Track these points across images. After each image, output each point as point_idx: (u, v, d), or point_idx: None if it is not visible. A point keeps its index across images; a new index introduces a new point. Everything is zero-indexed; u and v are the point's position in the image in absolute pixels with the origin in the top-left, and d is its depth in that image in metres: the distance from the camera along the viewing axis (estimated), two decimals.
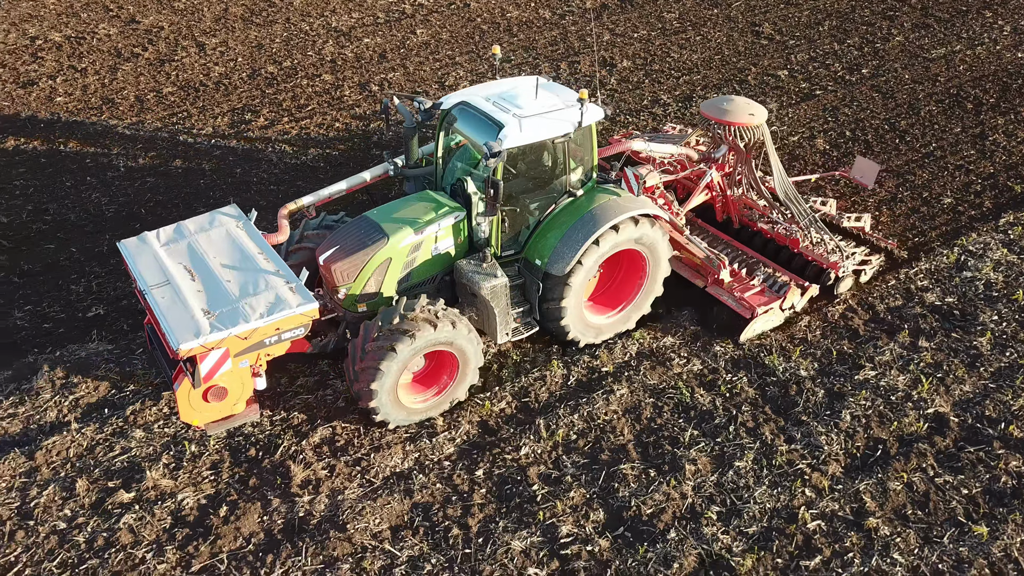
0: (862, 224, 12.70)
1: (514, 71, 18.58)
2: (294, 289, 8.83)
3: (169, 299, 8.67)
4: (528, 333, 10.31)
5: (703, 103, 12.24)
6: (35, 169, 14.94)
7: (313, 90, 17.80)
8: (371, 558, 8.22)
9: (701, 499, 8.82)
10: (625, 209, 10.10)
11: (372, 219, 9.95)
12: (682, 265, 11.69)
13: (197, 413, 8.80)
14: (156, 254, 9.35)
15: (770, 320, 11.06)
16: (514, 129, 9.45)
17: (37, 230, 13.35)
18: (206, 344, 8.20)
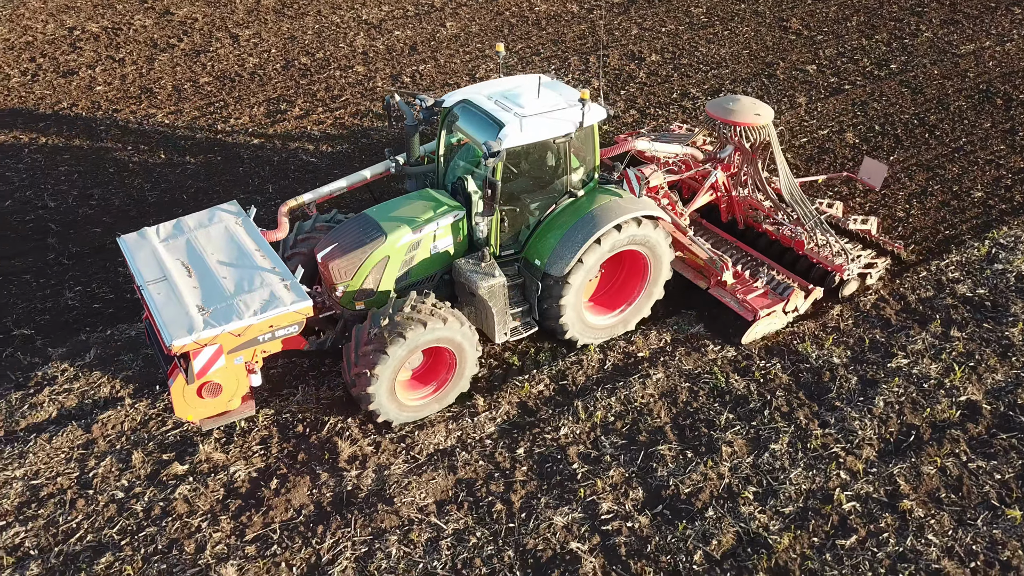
0: (868, 227, 12.53)
1: (543, 64, 18.79)
2: (289, 286, 8.81)
3: (165, 295, 8.68)
4: (527, 333, 10.29)
5: (709, 103, 12.18)
6: (79, 156, 15.32)
7: (346, 81, 18.09)
8: (418, 530, 8.49)
9: (738, 480, 9.03)
10: (626, 210, 10.00)
11: (371, 217, 9.91)
12: (685, 266, 11.58)
13: (192, 409, 8.81)
14: (155, 250, 9.37)
15: (772, 323, 10.92)
16: (514, 128, 9.39)
17: (84, 214, 13.71)
18: (199, 340, 8.21)
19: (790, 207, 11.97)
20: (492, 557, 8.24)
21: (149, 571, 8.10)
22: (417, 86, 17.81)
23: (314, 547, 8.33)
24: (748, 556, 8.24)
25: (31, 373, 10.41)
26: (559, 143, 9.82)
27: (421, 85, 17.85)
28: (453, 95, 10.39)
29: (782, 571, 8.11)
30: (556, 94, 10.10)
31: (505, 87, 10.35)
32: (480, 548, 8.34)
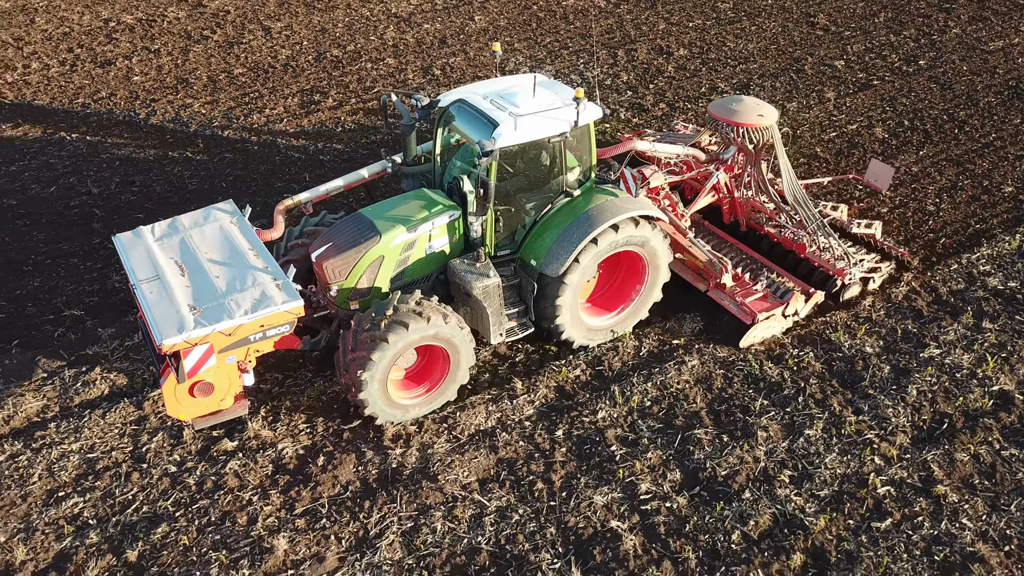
0: (872, 231, 12.30)
1: (571, 57, 18.97)
2: (280, 286, 8.78)
3: (157, 294, 8.68)
4: (523, 334, 10.24)
5: (712, 103, 12.05)
6: (119, 144, 15.65)
7: (378, 73, 18.34)
8: (462, 507, 8.73)
9: (773, 463, 9.21)
10: (623, 210, 9.91)
11: (366, 216, 9.85)
12: (684, 268, 11.47)
13: (184, 408, 8.81)
14: (149, 248, 9.37)
15: (772, 327, 10.82)
16: (508, 128, 9.32)
17: (126, 200, 14.04)
18: (190, 340, 8.21)
19: (792, 209, 11.83)
20: (535, 534, 8.47)
21: (204, 541, 8.39)
22: (448, 78, 18.05)
23: (362, 521, 8.59)
24: (785, 537, 8.43)
25: (83, 352, 10.74)
26: (554, 142, 9.75)
27: (452, 77, 18.08)
28: (449, 94, 10.35)
29: (819, 552, 8.30)
30: (552, 93, 10.01)
31: (501, 86, 10.26)
32: (523, 525, 8.57)
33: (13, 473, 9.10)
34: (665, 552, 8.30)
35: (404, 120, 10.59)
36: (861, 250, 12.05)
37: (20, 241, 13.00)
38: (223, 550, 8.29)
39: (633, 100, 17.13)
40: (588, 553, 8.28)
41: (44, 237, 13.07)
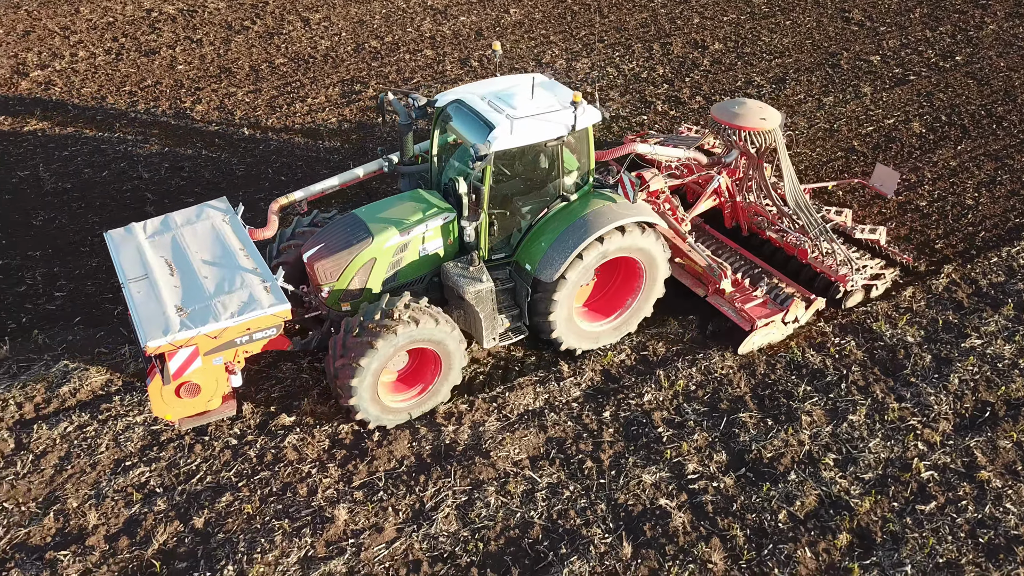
0: (877, 236, 12.20)
1: (607, 51, 19.15)
2: (268, 289, 8.72)
3: (144, 294, 8.65)
4: (517, 338, 10.10)
5: (714, 106, 11.97)
6: (167, 130, 16.03)
7: (416, 64, 18.61)
8: (514, 483, 9.00)
9: (818, 447, 9.40)
10: (619, 216, 9.78)
11: (359, 217, 9.77)
12: (684, 273, 11.38)
13: (170, 408, 8.81)
14: (140, 246, 9.33)
15: (771, 334, 10.70)
16: (504, 131, 9.19)
17: (176, 185, 14.41)
18: (174, 342, 8.20)
19: (794, 214, 11.71)
20: (585, 510, 8.73)
21: (267, 510, 8.71)
22: (485, 70, 18.28)
23: (417, 494, 8.88)
24: (830, 517, 8.63)
25: None
26: (551, 146, 9.61)
27: (488, 69, 18.31)
28: (447, 94, 10.22)
29: (864, 532, 8.49)
30: (550, 95, 9.83)
31: (500, 87, 10.11)
32: (573, 501, 8.82)
33: (82, 443, 9.46)
34: (713, 529, 8.52)
35: (401, 119, 10.51)
36: (865, 255, 11.96)
37: (77, 223, 13.40)
38: (285, 519, 8.61)
39: (669, 93, 17.29)
40: (638, 529, 8.52)
41: (99, 219, 13.46)
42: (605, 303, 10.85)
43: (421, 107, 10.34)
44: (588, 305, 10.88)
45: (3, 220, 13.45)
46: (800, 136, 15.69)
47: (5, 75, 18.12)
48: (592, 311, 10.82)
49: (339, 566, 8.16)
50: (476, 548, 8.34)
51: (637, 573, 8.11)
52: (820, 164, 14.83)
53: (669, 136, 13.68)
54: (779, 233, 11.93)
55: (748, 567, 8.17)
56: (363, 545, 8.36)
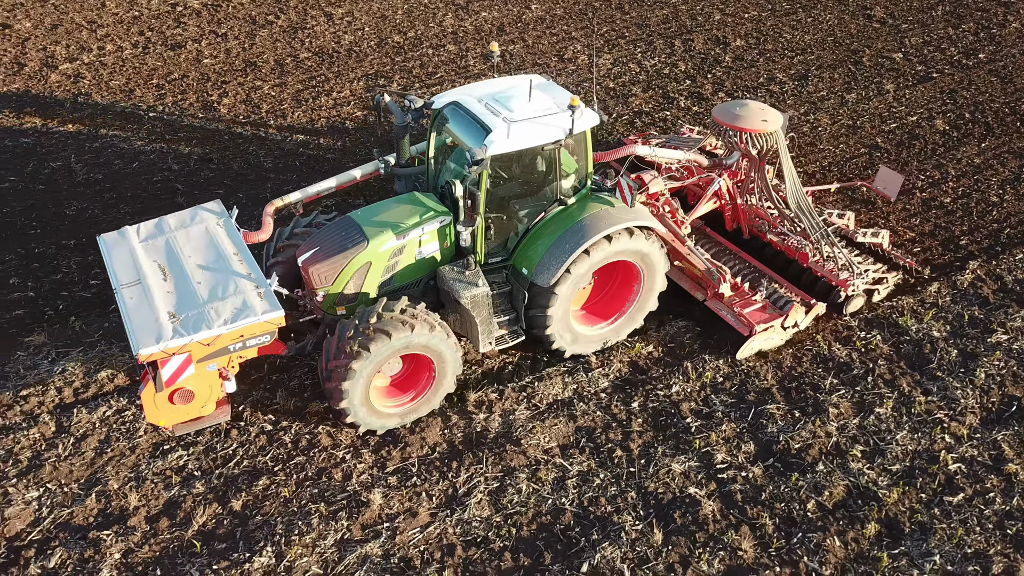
0: (880, 240, 12.05)
1: (628, 47, 19.23)
2: (262, 295, 8.62)
3: (136, 300, 8.56)
4: (514, 342, 10.04)
5: (715, 107, 11.90)
6: (195, 122, 16.23)
7: (439, 59, 18.75)
8: (545, 470, 9.13)
9: (845, 438, 9.49)
10: (617, 220, 9.69)
11: (354, 221, 9.72)
12: (683, 276, 11.26)
13: (163, 415, 8.77)
14: (133, 250, 9.25)
15: (770, 339, 10.56)
16: (500, 135, 9.11)
17: (205, 177, 14.61)
18: (167, 350, 8.12)
19: (796, 217, 11.58)
20: (616, 497, 8.86)
21: (303, 494, 8.88)
22: (508, 65, 18.40)
23: (450, 480, 9.03)
24: (859, 507, 8.73)
25: None
26: (548, 149, 9.53)
27: (512, 64, 18.43)
28: (443, 96, 10.16)
29: (892, 523, 8.58)
30: (548, 97, 9.76)
31: (497, 89, 10.06)
32: (604, 488, 8.96)
33: (120, 427, 9.66)
34: (743, 518, 8.64)
35: (397, 121, 10.44)
36: (868, 259, 11.85)
37: (109, 213, 13.61)
38: (322, 503, 8.78)
39: (692, 89, 17.36)
40: (669, 516, 8.65)
41: (131, 209, 13.67)
42: (603, 306, 10.78)
43: (417, 109, 10.28)
44: (586, 308, 10.81)
45: (38, 210, 13.68)
46: (823, 132, 15.74)
47: (35, 68, 18.38)
48: (590, 314, 10.77)
49: (375, 548, 8.32)
50: (509, 533, 8.49)
51: (668, 559, 8.23)
52: (844, 160, 14.88)
53: (671, 137, 13.57)
54: (780, 236, 11.81)
55: (778, 555, 8.28)
56: (398, 529, 8.52)
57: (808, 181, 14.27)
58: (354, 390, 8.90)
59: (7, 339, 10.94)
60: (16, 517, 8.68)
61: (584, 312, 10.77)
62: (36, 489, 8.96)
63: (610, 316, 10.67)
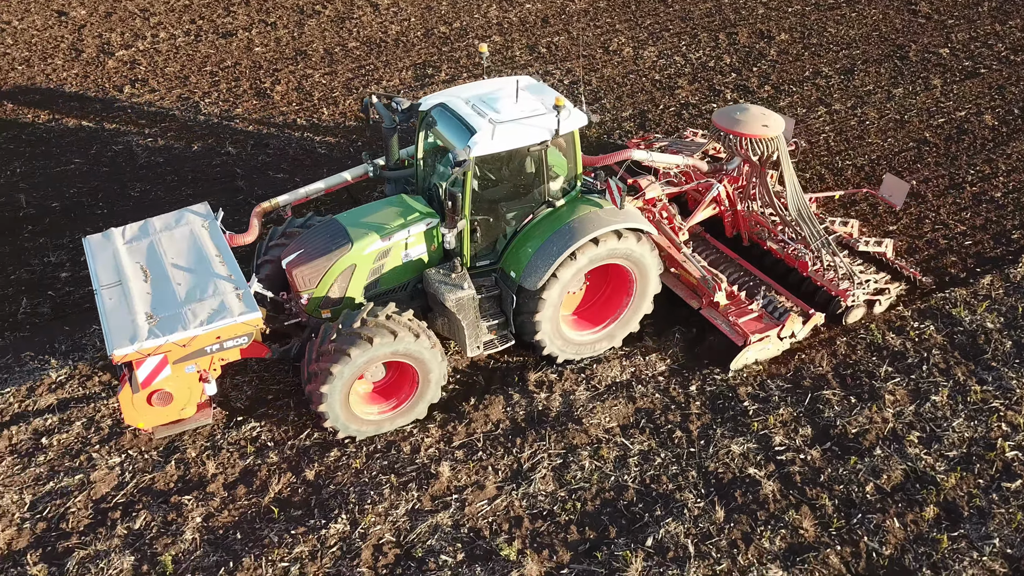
0: (884, 249, 11.76)
1: (672, 39, 19.35)
2: (240, 296, 8.57)
3: (115, 301, 8.55)
4: (503, 346, 9.94)
5: (715, 112, 11.69)
6: (250, 109, 16.60)
7: None
8: (606, 448, 9.38)
9: (902, 425, 9.65)
10: (605, 223, 9.53)
11: (339, 223, 9.66)
12: (678, 284, 11.12)
13: (142, 417, 8.69)
14: (116, 252, 9.26)
15: (765, 349, 10.36)
16: (485, 136, 9.02)
17: (263, 161, 14.97)
18: (142, 350, 8.09)
19: (796, 224, 11.33)
20: (677, 476, 9.09)
21: (373, 465, 9.20)
22: (554, 56, 18.60)
23: (515, 455, 9.30)
24: (917, 491, 8.89)
25: None
26: (534, 151, 9.42)
27: (558, 55, 18.63)
28: (431, 97, 10.10)
29: (951, 506, 8.74)
30: (536, 99, 9.65)
31: (485, 90, 9.96)
32: (665, 467, 9.19)
33: None
34: (802, 498, 8.84)
35: (385, 123, 10.37)
36: (871, 268, 11.59)
37: (172, 195, 14.02)
38: (392, 474, 9.09)
39: (738, 82, 17.47)
40: (730, 495, 8.86)
41: (192, 192, 14.06)
42: (595, 312, 10.60)
43: (405, 110, 10.28)
44: (578, 313, 10.65)
45: (104, 191, 14.12)
46: (871, 127, 15.79)
47: (92, 54, 18.86)
48: (582, 319, 10.60)
49: (445, 519, 8.61)
50: (574, 507, 8.75)
51: (731, 535, 8.46)
52: (892, 155, 14.94)
53: (674, 141, 13.42)
54: (780, 244, 11.57)
55: (838, 534, 8.48)
56: (466, 501, 8.81)
57: (857, 175, 14.37)
58: (333, 394, 8.81)
59: (83, 314, 11.36)
60: (101, 481, 9.08)
61: (576, 317, 10.61)
62: (118, 455, 9.36)
63: (602, 321, 10.49)
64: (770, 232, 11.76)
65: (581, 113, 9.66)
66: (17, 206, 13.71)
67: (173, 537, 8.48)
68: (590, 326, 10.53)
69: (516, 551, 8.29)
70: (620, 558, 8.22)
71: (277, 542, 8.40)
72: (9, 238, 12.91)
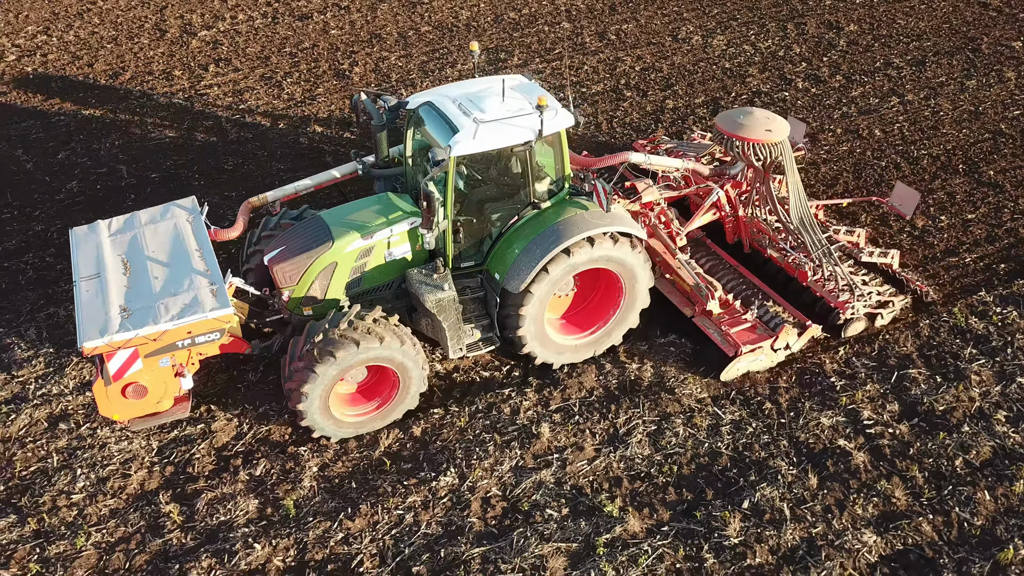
0: (889, 260, 11.41)
1: (741, 28, 19.51)
2: (214, 292, 8.61)
3: (92, 293, 8.62)
4: (487, 349, 9.88)
5: (719, 115, 11.44)
6: (330, 89, 17.13)
7: (556, 36, 19.33)
8: (699, 417, 9.74)
9: (988, 404, 9.87)
10: (591, 226, 9.39)
11: (322, 220, 9.65)
12: (673, 290, 10.93)
13: (116, 409, 8.72)
14: (99, 244, 9.33)
15: (758, 360, 10.16)
16: (466, 136, 8.94)
17: (348, 140, 15.49)
18: (112, 343, 8.14)
19: (797, 232, 11.06)
20: (768, 444, 9.42)
21: (475, 424, 9.65)
22: (623, 43, 18.87)
23: (610, 420, 9.71)
24: (1006, 467, 9.13)
25: None
26: (518, 151, 9.30)
27: (627, 43, 18.90)
28: (419, 96, 10.04)
29: None
30: (524, 98, 9.52)
31: (473, 89, 9.85)
32: (756, 436, 9.53)
33: None
34: (892, 469, 9.13)
35: (374, 121, 10.32)
36: (875, 280, 11.29)
37: (262, 169, 14.61)
38: (495, 433, 9.54)
39: (808, 71, 17.62)
40: (821, 464, 9.18)
41: (283, 167, 14.63)
42: (585, 316, 10.46)
43: (392, 108, 10.25)
44: (566, 317, 10.53)
45: (198, 164, 14.74)
46: (945, 117, 15.87)
47: (175, 34, 19.55)
48: (571, 324, 10.48)
49: (548, 476, 9.05)
50: (670, 470, 9.14)
51: (825, 501, 8.78)
52: (968, 145, 15.03)
53: (680, 143, 13.24)
54: (780, 252, 11.32)
55: (929, 504, 8.76)
56: (567, 460, 9.24)
57: (932, 165, 14.49)
58: (314, 394, 8.82)
59: None
60: (221, 431, 9.66)
61: (564, 321, 10.51)
62: (235, 408, 9.93)
63: (589, 327, 10.37)
64: (771, 239, 11.46)
65: (568, 113, 9.50)
66: (119, 176, 14.40)
67: (292, 484, 9.03)
68: (577, 331, 10.39)
69: (618, 508, 8.71)
70: (719, 518, 8.60)
71: (391, 491, 8.90)
72: (114, 206, 13.58)
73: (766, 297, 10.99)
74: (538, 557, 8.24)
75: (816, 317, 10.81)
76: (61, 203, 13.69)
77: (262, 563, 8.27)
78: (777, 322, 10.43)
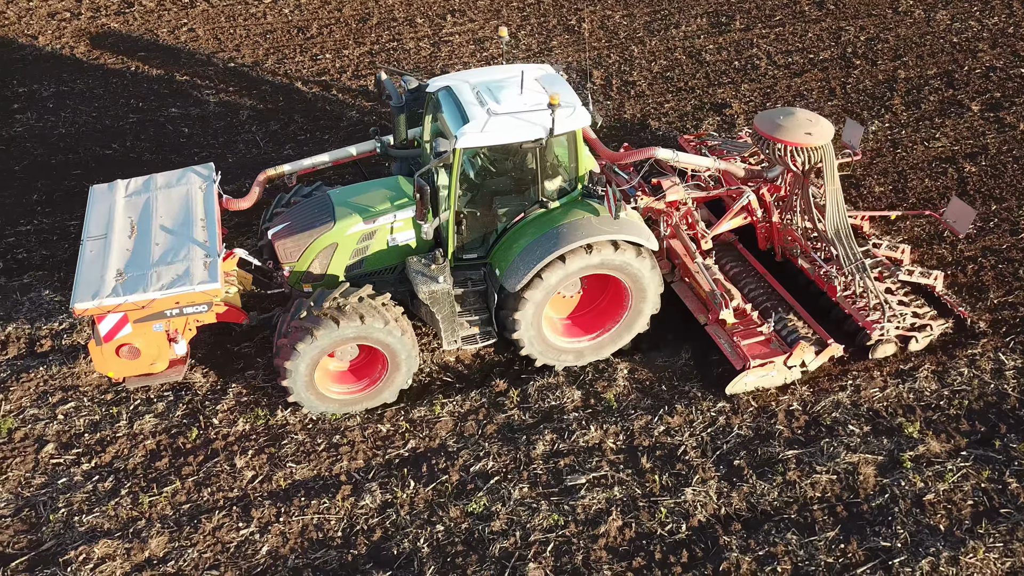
0: (932, 281, 10.71)
1: (963, 4, 19.28)
2: (207, 265, 8.67)
3: (95, 254, 8.78)
4: (485, 343, 9.76)
5: (759, 114, 10.87)
6: (564, 43, 18.07)
7: (774, 3, 19.63)
8: (983, 360, 10.30)
9: None
10: (594, 232, 9.15)
11: (328, 200, 9.68)
12: (690, 294, 10.61)
13: (111, 366, 8.93)
14: (113, 205, 9.42)
15: (769, 376, 9.67)
16: (474, 128, 8.80)
17: None
18: (101, 307, 8.34)
19: (831, 244, 10.43)
20: None
21: None
22: (842, 12, 19.01)
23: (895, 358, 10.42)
24: None
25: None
26: (527, 148, 9.12)
27: (847, 12, 19.02)
28: (439, 79, 9.88)
29: None
30: (544, 92, 9.25)
31: (495, 77, 9.65)
32: None
33: None
34: None
35: (394, 101, 10.30)
36: (917, 301, 10.57)
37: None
38: None
39: None
40: None
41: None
42: (590, 319, 10.29)
43: (412, 90, 10.29)
44: (571, 318, 10.40)
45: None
46: None
47: None
48: (575, 325, 10.33)
49: (844, 398, 9.89)
50: (960, 404, 9.79)
51: None
52: None
53: (725, 140, 12.76)
54: (811, 263, 10.80)
55: None
56: (860, 387, 10.02)
57: None
58: (297, 370, 8.96)
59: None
60: None
61: (569, 322, 10.38)
62: None
63: (595, 331, 10.22)
64: (802, 249, 10.94)
65: (586, 112, 9.28)
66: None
67: (608, 382, 10.20)
68: (582, 333, 10.27)
69: (917, 430, 9.47)
70: (1017, 451, 9.23)
71: (700, 396, 9.95)
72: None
73: (789, 310, 10.50)
74: (849, 463, 9.12)
75: (845, 336, 10.29)
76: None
77: (597, 442, 9.47)
78: (794, 338, 9.98)
